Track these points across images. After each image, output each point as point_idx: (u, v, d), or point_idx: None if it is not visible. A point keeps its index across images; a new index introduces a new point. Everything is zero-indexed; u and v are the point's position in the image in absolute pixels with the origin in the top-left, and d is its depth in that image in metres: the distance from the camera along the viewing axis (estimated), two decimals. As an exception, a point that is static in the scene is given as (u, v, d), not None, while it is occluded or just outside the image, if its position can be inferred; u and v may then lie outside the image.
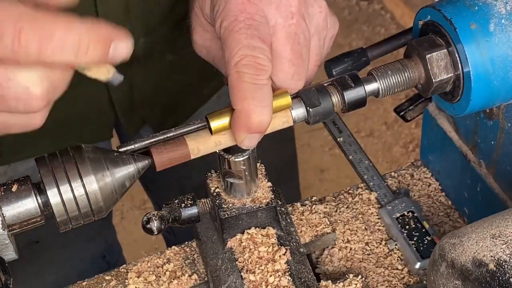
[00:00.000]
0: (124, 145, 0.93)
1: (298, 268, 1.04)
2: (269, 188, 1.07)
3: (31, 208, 0.87)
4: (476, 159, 1.19)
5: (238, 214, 1.04)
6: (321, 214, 1.23)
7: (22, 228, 0.88)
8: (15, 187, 0.87)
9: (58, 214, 0.87)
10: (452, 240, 0.88)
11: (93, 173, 0.87)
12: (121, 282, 1.19)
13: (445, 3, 0.95)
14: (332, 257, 1.22)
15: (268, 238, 1.05)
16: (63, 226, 0.88)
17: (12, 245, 0.87)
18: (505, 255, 0.83)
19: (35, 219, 0.87)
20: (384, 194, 1.27)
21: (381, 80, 0.96)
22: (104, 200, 0.88)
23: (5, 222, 0.86)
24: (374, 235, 1.23)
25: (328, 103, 0.94)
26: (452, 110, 1.00)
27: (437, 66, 0.95)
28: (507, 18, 0.93)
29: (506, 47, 0.93)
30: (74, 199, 0.86)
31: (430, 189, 1.31)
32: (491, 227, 0.87)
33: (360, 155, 1.31)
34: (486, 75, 0.93)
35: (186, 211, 1.03)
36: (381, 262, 1.21)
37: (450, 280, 0.88)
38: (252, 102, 0.88)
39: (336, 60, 1.09)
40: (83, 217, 0.88)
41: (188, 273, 1.17)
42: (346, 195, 1.30)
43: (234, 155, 1.00)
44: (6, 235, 0.86)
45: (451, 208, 1.28)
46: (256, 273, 1.02)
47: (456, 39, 0.93)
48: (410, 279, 1.18)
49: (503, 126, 1.09)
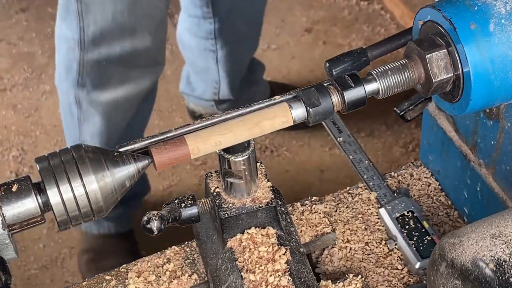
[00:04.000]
0: (124, 145, 0.93)
1: (298, 268, 1.04)
2: (269, 188, 1.07)
3: (31, 208, 0.87)
4: (476, 159, 1.19)
5: (238, 214, 1.04)
6: (321, 214, 1.23)
7: (22, 228, 0.88)
8: (15, 187, 0.87)
9: (58, 214, 0.87)
10: (452, 240, 0.88)
11: (93, 173, 0.87)
12: (121, 282, 1.19)
13: (445, 3, 0.95)
14: (332, 257, 1.22)
15: (268, 238, 1.05)
16: (63, 225, 0.88)
17: (12, 244, 0.87)
18: (505, 255, 0.83)
19: (35, 219, 0.87)
20: (384, 194, 1.27)
21: (381, 80, 0.96)
22: (104, 200, 0.88)
23: (5, 222, 0.86)
24: (374, 235, 1.23)
25: (328, 103, 0.94)
26: (452, 110, 1.00)
27: (437, 66, 0.95)
28: (507, 18, 0.93)
29: (506, 47, 0.93)
30: (74, 199, 0.86)
31: (430, 189, 1.31)
32: (491, 227, 0.87)
33: (360, 155, 1.31)
34: (486, 75, 0.93)
35: (186, 211, 1.03)
36: (381, 262, 1.21)
37: (450, 279, 0.88)
38: None
39: (336, 60, 1.09)
40: (83, 216, 0.88)
41: (188, 273, 1.17)
42: (346, 195, 1.30)
43: (234, 155, 1.00)
44: (6, 235, 0.86)
45: (451, 208, 1.28)
46: (256, 273, 1.02)
47: (456, 39, 0.93)
48: (410, 279, 1.18)
49: (503, 126, 1.09)
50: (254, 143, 1.01)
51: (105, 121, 1.98)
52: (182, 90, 2.55)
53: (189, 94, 2.52)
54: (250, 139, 0.99)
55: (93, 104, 1.95)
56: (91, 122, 1.98)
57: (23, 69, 2.90)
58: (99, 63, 1.88)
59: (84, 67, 1.88)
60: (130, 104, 1.98)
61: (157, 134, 0.94)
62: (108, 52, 1.86)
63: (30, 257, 2.35)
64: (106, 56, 1.86)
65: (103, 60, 1.87)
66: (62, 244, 2.39)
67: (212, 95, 2.45)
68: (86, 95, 1.94)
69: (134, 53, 1.88)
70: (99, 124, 1.98)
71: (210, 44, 2.31)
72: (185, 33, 2.36)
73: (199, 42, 2.32)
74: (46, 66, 2.90)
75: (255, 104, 0.96)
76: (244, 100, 2.50)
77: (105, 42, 1.84)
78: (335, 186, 1.34)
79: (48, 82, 2.84)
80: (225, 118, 0.95)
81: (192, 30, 2.32)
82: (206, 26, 2.26)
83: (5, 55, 2.95)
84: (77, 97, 1.95)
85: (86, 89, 1.92)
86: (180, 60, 2.73)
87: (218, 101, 2.47)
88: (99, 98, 1.93)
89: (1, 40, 3.01)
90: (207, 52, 2.34)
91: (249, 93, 2.51)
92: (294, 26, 2.99)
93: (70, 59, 1.89)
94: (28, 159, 2.60)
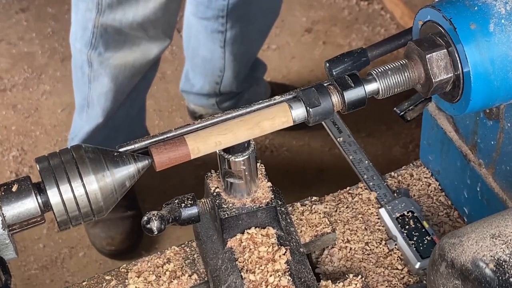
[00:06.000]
0: (124, 145, 0.93)
1: (298, 268, 1.04)
2: (269, 188, 1.07)
3: (31, 208, 0.87)
4: (476, 159, 1.19)
5: (238, 214, 1.04)
6: (321, 214, 1.23)
7: (22, 228, 0.88)
8: (15, 187, 0.87)
9: (58, 214, 0.87)
10: (452, 240, 0.88)
11: (93, 173, 0.87)
12: (121, 282, 1.19)
13: (445, 3, 0.95)
14: (332, 257, 1.22)
15: (268, 238, 1.05)
16: (63, 225, 0.88)
17: (12, 244, 0.87)
18: (505, 255, 0.83)
19: (35, 219, 0.87)
20: (384, 194, 1.27)
21: (381, 80, 0.96)
22: (104, 200, 0.88)
23: (5, 222, 0.86)
24: (374, 235, 1.24)
25: (328, 103, 0.94)
26: (452, 110, 1.00)
27: (437, 66, 0.95)
28: (506, 18, 0.93)
29: (506, 47, 0.93)
30: (74, 199, 0.86)
31: (430, 189, 1.31)
32: (490, 227, 0.87)
33: (360, 155, 1.31)
34: (486, 75, 0.93)
35: (186, 211, 1.03)
36: (381, 262, 1.21)
37: (450, 280, 0.88)
38: None
39: (336, 60, 1.08)
40: (83, 217, 0.88)
41: (188, 273, 1.17)
42: (346, 195, 1.30)
43: (234, 155, 1.00)
44: (6, 235, 0.86)
45: (451, 208, 1.28)
46: (256, 273, 1.02)
47: (456, 39, 0.93)
48: (410, 279, 1.19)
49: (503, 126, 1.09)
50: (254, 143, 1.01)
51: (112, 83, 2.08)
52: (182, 88, 2.55)
53: (188, 91, 2.52)
54: (250, 139, 0.99)
55: (103, 65, 2.05)
56: (100, 82, 2.08)
57: (23, 69, 2.90)
58: (113, 27, 1.96)
59: (99, 29, 1.96)
60: (137, 70, 2.08)
61: (157, 134, 0.94)
62: (121, 18, 1.94)
63: (30, 257, 2.35)
64: (120, 22, 1.95)
65: (117, 25, 1.95)
66: (62, 244, 2.39)
67: (213, 86, 2.44)
68: (98, 56, 2.03)
69: (145, 22, 1.96)
70: (107, 84, 2.08)
71: (219, 24, 2.31)
72: (191, 17, 2.38)
73: (206, 25, 2.33)
74: (46, 66, 2.90)
75: (255, 104, 0.96)
76: (245, 99, 2.50)
77: (121, 7, 1.92)
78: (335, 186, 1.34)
79: (48, 82, 2.84)
80: (225, 118, 0.95)
81: (199, 12, 2.33)
82: (219, 2, 2.26)
83: (5, 55, 2.95)
84: (89, 56, 2.04)
85: (98, 50, 2.02)
86: (180, 60, 2.73)
87: (219, 95, 2.46)
88: (109, 60, 2.03)
89: (1, 40, 3.01)
90: (214, 34, 2.33)
91: (250, 93, 2.51)
92: (294, 26, 2.99)
93: (87, 19, 1.97)
94: (28, 159, 2.60)
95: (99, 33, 1.98)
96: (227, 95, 2.47)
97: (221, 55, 2.37)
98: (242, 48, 2.37)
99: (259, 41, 2.45)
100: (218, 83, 2.44)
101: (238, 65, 2.40)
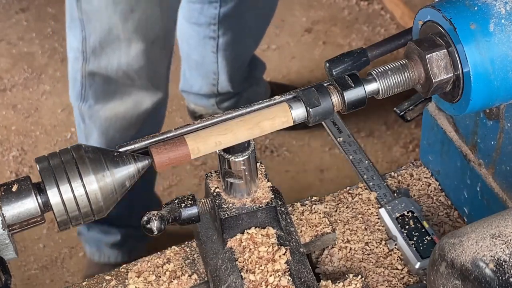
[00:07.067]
0: (124, 145, 0.93)
1: (298, 268, 1.04)
2: (269, 188, 1.07)
3: (31, 208, 0.87)
4: (476, 159, 1.19)
5: (238, 214, 1.04)
6: (321, 214, 1.23)
7: (22, 228, 0.88)
8: (15, 187, 0.87)
9: (58, 214, 0.87)
10: (452, 240, 0.88)
11: (93, 173, 0.87)
12: (121, 282, 1.19)
13: (445, 3, 0.95)
14: (332, 257, 1.22)
15: (268, 238, 1.05)
16: (63, 225, 0.88)
17: (12, 244, 0.87)
18: (505, 255, 0.83)
19: (35, 219, 0.87)
20: (384, 194, 1.27)
21: (381, 80, 0.96)
22: (104, 200, 0.88)
23: (5, 222, 0.86)
24: (374, 235, 1.24)
25: (328, 103, 0.94)
26: (452, 110, 1.00)
27: (437, 66, 0.95)
28: (506, 18, 0.93)
29: (506, 47, 0.93)
30: (74, 199, 0.86)
31: (430, 189, 1.31)
32: (490, 227, 0.87)
33: (360, 155, 1.31)
34: (486, 75, 0.93)
35: (186, 211, 1.03)
36: (381, 262, 1.21)
37: (449, 280, 0.88)
38: None
39: (336, 60, 1.08)
40: (83, 217, 0.88)
41: (188, 273, 1.17)
42: (346, 195, 1.30)
43: (234, 155, 1.00)
44: (6, 235, 0.86)
45: (451, 208, 1.28)
46: (256, 273, 1.02)
47: (456, 39, 0.93)
48: (410, 279, 1.18)
49: (502, 126, 1.09)
50: (254, 143, 1.01)
51: (102, 138, 1.94)
52: (181, 88, 2.54)
53: (188, 91, 2.51)
54: (250, 139, 0.99)
55: (93, 119, 1.92)
56: (92, 138, 1.95)
57: (23, 69, 2.90)
58: (100, 75, 1.85)
59: (87, 78, 1.86)
60: (128, 123, 1.93)
61: (157, 134, 0.94)
62: (107, 64, 1.83)
63: (30, 257, 2.35)
64: (105, 69, 1.83)
65: (103, 72, 1.84)
66: (62, 244, 2.39)
67: (211, 87, 2.42)
68: (88, 109, 1.91)
69: (129, 70, 1.84)
70: (96, 139, 1.94)
71: (211, 31, 2.27)
72: (183, 22, 2.31)
73: (198, 30, 2.29)
74: (46, 66, 2.90)
75: (255, 104, 0.96)
76: (245, 99, 2.49)
77: (104, 54, 1.81)
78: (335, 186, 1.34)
79: (48, 82, 2.84)
80: (225, 118, 0.95)
81: (193, 17, 2.28)
82: (210, 11, 2.23)
83: (5, 55, 2.95)
84: (80, 110, 1.93)
85: (89, 103, 1.90)
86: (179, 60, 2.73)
87: (218, 95, 2.45)
88: (98, 113, 1.90)
89: (1, 40, 3.01)
90: (206, 40, 2.30)
91: (250, 93, 2.50)
92: (294, 26, 2.99)
93: (75, 70, 1.88)
94: (28, 159, 2.60)
95: (88, 83, 1.86)
96: (226, 95, 2.47)
97: (213, 59, 2.35)
98: (234, 53, 2.35)
99: (252, 45, 2.43)
100: (214, 84, 2.43)
101: (232, 69, 2.38)
